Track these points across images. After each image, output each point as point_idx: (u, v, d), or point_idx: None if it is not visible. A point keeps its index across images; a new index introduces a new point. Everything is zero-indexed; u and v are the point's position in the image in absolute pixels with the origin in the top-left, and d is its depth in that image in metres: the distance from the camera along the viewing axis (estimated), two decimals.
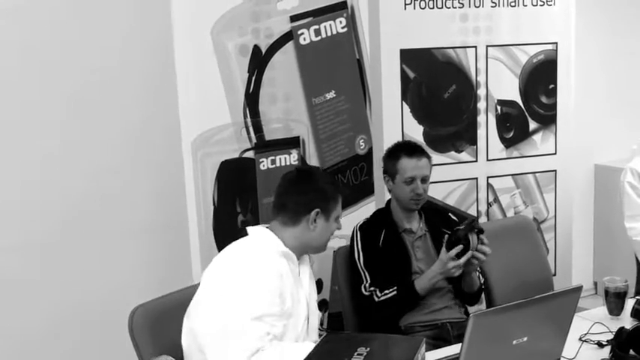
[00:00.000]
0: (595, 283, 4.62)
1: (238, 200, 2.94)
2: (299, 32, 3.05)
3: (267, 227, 2.24)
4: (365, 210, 3.22)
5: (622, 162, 3.28)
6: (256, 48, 2.94)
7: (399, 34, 3.35)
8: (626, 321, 2.41)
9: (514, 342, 1.87)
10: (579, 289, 1.95)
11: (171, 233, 3.06)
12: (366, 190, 3.34)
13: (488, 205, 3.63)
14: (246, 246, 2.18)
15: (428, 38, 3.41)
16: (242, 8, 2.87)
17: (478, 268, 2.73)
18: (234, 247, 2.20)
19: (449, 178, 3.52)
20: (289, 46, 3.03)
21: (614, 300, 2.49)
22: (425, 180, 2.74)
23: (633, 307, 2.43)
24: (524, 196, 3.69)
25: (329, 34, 3.14)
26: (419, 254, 2.76)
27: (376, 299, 2.64)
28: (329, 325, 3.28)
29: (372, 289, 2.66)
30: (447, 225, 2.85)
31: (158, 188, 3.15)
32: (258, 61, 2.95)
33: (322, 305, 3.29)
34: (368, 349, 1.44)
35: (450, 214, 2.97)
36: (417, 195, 2.72)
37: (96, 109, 3.03)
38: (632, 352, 2.14)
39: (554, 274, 3.78)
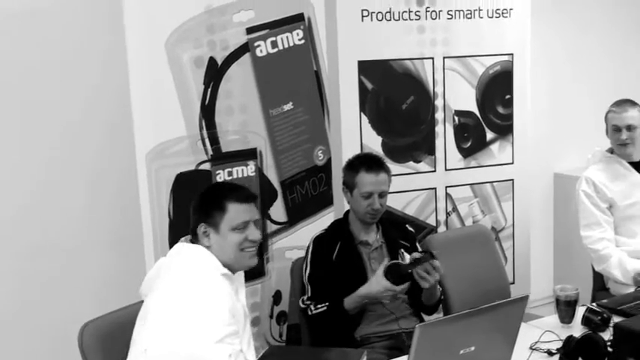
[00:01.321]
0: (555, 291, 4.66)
1: (194, 212, 2.93)
2: (255, 44, 3.05)
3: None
4: (324, 221, 3.22)
5: (580, 170, 3.32)
6: (212, 60, 2.94)
7: (356, 45, 3.37)
8: (577, 329, 2.44)
9: (461, 352, 1.88)
10: (525, 298, 1.97)
11: (126, 246, 3.04)
12: (325, 200, 3.35)
13: (447, 214, 3.65)
14: (191, 270, 2.12)
15: (385, 50, 3.43)
16: (197, 20, 2.87)
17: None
18: (177, 272, 2.13)
19: (408, 188, 3.55)
20: (246, 58, 3.03)
21: (565, 308, 2.52)
22: (383, 195, 2.74)
23: (584, 315, 2.46)
24: (482, 206, 3.72)
25: (286, 46, 3.15)
26: (374, 266, 2.76)
27: (309, 313, 2.65)
28: (287, 337, 3.27)
29: (308, 302, 2.68)
30: (404, 236, 2.88)
31: (112, 201, 3.13)
32: (214, 72, 2.95)
33: (281, 317, 3.29)
34: None
35: (407, 225, 2.99)
36: (374, 210, 2.72)
37: (48, 123, 3.01)
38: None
39: (513, 283, 3.82)
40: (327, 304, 2.63)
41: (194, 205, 2.23)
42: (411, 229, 2.96)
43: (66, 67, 3.02)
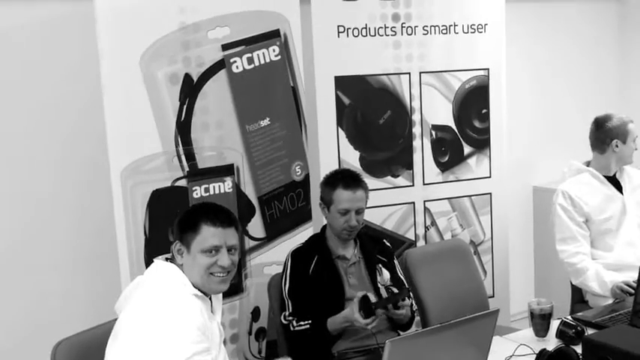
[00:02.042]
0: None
1: (170, 229, 2.92)
2: (231, 60, 3.06)
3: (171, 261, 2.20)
4: (302, 236, 3.22)
5: (558, 183, 3.33)
6: (187, 76, 2.94)
7: (332, 61, 3.39)
8: (553, 342, 2.45)
9: None
10: (496, 312, 1.98)
11: (100, 264, 3.02)
12: (303, 216, 3.35)
13: (426, 228, 3.66)
14: (161, 287, 2.11)
15: (362, 65, 3.45)
16: (171, 37, 2.88)
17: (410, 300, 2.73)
18: (147, 290, 2.12)
19: (386, 203, 3.55)
20: (222, 75, 3.04)
21: (540, 321, 2.53)
22: (360, 211, 2.75)
23: (558, 328, 2.47)
24: (461, 219, 3.74)
25: (262, 62, 3.16)
26: (352, 280, 2.77)
27: (292, 329, 2.66)
28: (267, 353, 3.26)
29: (290, 318, 2.69)
30: (382, 251, 2.90)
31: (87, 219, 3.12)
32: (190, 89, 2.96)
33: (260, 333, 3.28)
34: None
35: (384, 240, 3.00)
36: (351, 227, 2.73)
37: (22, 139, 2.99)
38: None
39: (493, 296, 3.83)
40: (309, 322, 2.63)
41: (174, 222, 2.21)
42: (388, 244, 2.97)
43: (38, 86, 3.02)
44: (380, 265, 2.83)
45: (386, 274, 2.83)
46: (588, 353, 1.73)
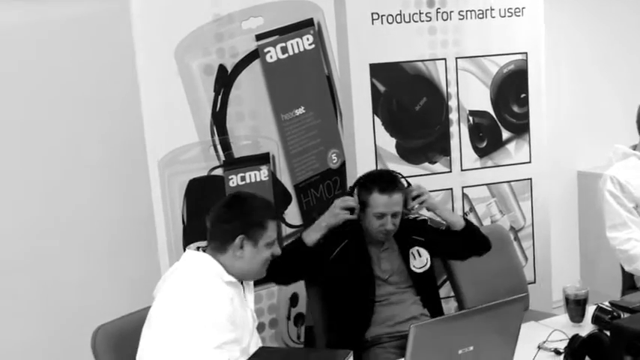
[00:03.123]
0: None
1: (208, 218, 2.97)
2: (265, 50, 3.09)
3: (204, 250, 2.25)
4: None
5: (604, 168, 3.23)
6: (222, 67, 2.98)
7: (367, 48, 3.39)
8: (588, 328, 2.42)
9: (460, 352, 1.89)
10: (524, 297, 1.97)
11: (140, 252, 3.10)
12: None
13: (464, 214, 3.64)
14: (192, 276, 2.16)
15: (397, 52, 3.44)
16: (205, 29, 2.92)
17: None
18: (179, 278, 2.18)
19: None
20: (256, 65, 3.07)
21: (575, 307, 2.51)
22: (396, 215, 2.72)
23: (594, 314, 2.44)
24: (500, 205, 3.70)
25: (296, 51, 3.18)
26: (385, 265, 2.78)
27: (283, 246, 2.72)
28: (305, 338, 3.31)
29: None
30: (417, 230, 2.87)
31: (126, 208, 3.21)
32: (224, 80, 3.00)
33: (299, 319, 3.32)
34: None
35: (415, 218, 2.95)
36: (387, 230, 2.71)
37: (61, 132, 3.09)
38: (587, 359, 2.15)
39: (534, 282, 3.79)
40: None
41: (226, 217, 2.24)
42: (422, 216, 2.94)
43: (77, 79, 3.11)
44: (416, 248, 2.80)
45: (424, 256, 2.80)
46: (616, 339, 1.72)
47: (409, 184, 2.82)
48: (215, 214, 2.27)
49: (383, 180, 2.74)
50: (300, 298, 3.30)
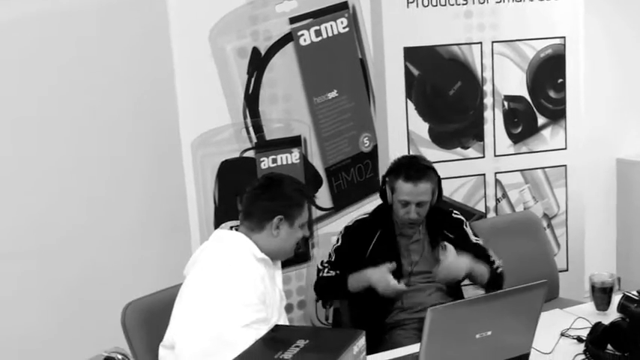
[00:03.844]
0: (618, 279, 4.55)
1: (239, 199, 3.02)
2: (299, 33, 3.12)
3: (236, 228, 2.31)
4: (369, 207, 3.24)
5: None
6: (255, 50, 3.02)
7: (402, 32, 3.38)
8: (613, 316, 2.39)
9: (477, 336, 1.90)
10: (544, 284, 1.97)
11: (173, 232, 3.17)
12: (371, 187, 3.37)
13: (497, 200, 3.63)
14: (226, 253, 2.21)
15: (431, 36, 3.43)
16: (240, 12, 2.96)
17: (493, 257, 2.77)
18: (213, 255, 2.22)
19: (455, 175, 3.54)
20: (289, 48, 3.10)
21: (600, 295, 2.49)
22: (421, 204, 2.65)
23: (620, 302, 2.41)
24: (534, 192, 3.68)
25: (330, 34, 3.20)
26: (414, 257, 2.74)
27: (320, 274, 2.76)
28: (334, 320, 3.34)
29: (325, 265, 2.77)
30: (450, 227, 2.79)
31: (159, 189, 3.28)
32: (258, 62, 3.03)
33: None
34: (307, 341, 1.50)
35: (453, 213, 2.88)
36: (410, 219, 2.67)
37: (97, 114, 3.16)
38: (609, 347, 2.14)
39: (567, 270, 3.76)
40: (336, 272, 2.70)
41: (265, 196, 2.28)
42: (457, 216, 2.87)
43: (112, 62, 3.17)
44: (444, 243, 2.69)
45: (450, 250, 2.69)
46: (634, 326, 1.71)
47: (439, 178, 2.73)
48: (252, 193, 2.31)
49: (412, 167, 2.68)
50: None
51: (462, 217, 2.87)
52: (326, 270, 2.76)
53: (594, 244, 4.22)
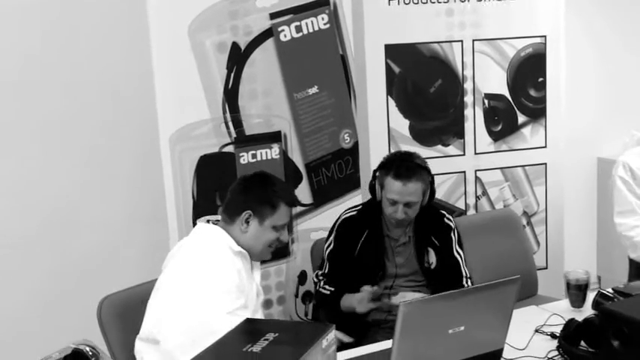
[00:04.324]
0: (599, 278, 4.59)
1: (218, 194, 3.02)
2: (279, 29, 3.11)
3: (215, 223, 2.30)
4: (349, 204, 3.24)
5: None
6: (235, 45, 3.01)
7: (383, 29, 3.38)
8: (588, 313, 2.41)
9: (450, 331, 1.91)
10: (517, 279, 1.98)
11: (150, 227, 3.16)
12: (351, 183, 3.39)
13: (477, 198, 3.64)
14: (203, 245, 2.22)
15: (413, 33, 3.43)
16: (219, 6, 2.95)
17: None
18: (190, 247, 2.24)
19: (436, 172, 3.48)
20: (269, 43, 3.09)
21: (575, 292, 2.50)
22: (410, 205, 2.56)
23: (594, 300, 2.43)
24: (514, 190, 3.69)
25: (310, 30, 3.19)
26: (399, 260, 2.70)
27: (317, 288, 2.71)
28: (313, 316, 3.34)
29: (321, 278, 2.72)
30: (438, 232, 2.71)
31: (137, 183, 3.26)
32: (237, 57, 3.02)
33: (307, 296, 3.36)
34: (277, 334, 1.50)
35: (445, 217, 2.78)
36: (396, 219, 2.59)
37: (75, 107, 3.14)
38: (583, 343, 2.16)
39: (546, 268, 3.78)
40: (332, 289, 2.65)
41: (241, 190, 2.29)
42: (448, 222, 2.76)
43: (90, 55, 3.15)
44: (429, 248, 2.68)
45: (432, 259, 2.68)
46: (604, 323, 1.72)
47: (432, 179, 2.64)
48: (233, 185, 2.33)
49: (402, 165, 2.57)
50: (308, 277, 3.33)
51: (452, 223, 2.77)
52: (322, 283, 2.71)
53: (575, 242, 4.24)
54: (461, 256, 2.76)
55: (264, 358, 1.42)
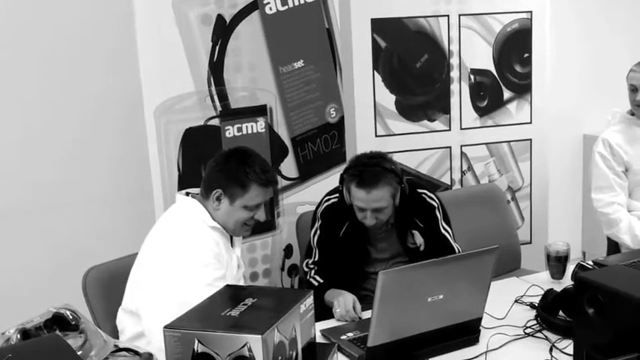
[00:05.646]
0: (583, 253, 4.64)
1: (203, 167, 3.01)
2: (265, 2, 3.10)
3: (194, 196, 2.30)
4: (335, 178, 3.24)
5: None
6: (220, 17, 3.00)
7: (369, 3, 3.38)
8: (567, 284, 2.44)
9: (429, 299, 1.94)
10: (495, 249, 2.00)
11: (136, 198, 3.17)
12: (337, 158, 3.40)
13: (462, 173, 3.66)
14: (179, 219, 2.24)
15: (399, 7, 3.43)
16: None
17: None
18: (167, 221, 2.26)
19: (421, 147, 3.56)
20: (255, 16, 3.09)
21: (555, 264, 2.54)
22: (379, 210, 2.47)
23: (574, 271, 2.46)
24: (499, 165, 3.71)
25: (296, 3, 3.19)
26: (381, 245, 2.67)
27: (307, 277, 2.65)
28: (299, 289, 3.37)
29: (311, 266, 2.66)
30: (421, 213, 2.64)
31: (122, 155, 3.26)
32: (222, 30, 3.02)
33: (292, 270, 3.39)
34: (255, 299, 1.52)
35: (426, 195, 2.68)
36: (368, 225, 2.51)
37: (59, 81, 3.14)
38: (561, 313, 2.19)
39: (530, 242, 3.82)
40: (320, 282, 2.59)
41: (215, 167, 2.26)
42: (431, 200, 2.68)
43: (73, 27, 3.14)
44: (414, 231, 2.62)
45: (418, 240, 2.61)
46: (579, 291, 1.74)
47: (401, 180, 2.51)
48: (210, 161, 2.31)
49: (365, 172, 2.44)
50: (294, 250, 3.35)
51: (435, 202, 2.69)
52: (312, 272, 2.64)
53: (559, 218, 4.28)
54: (448, 232, 2.73)
55: (242, 321, 1.44)
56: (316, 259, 2.68)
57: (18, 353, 1.31)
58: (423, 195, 2.69)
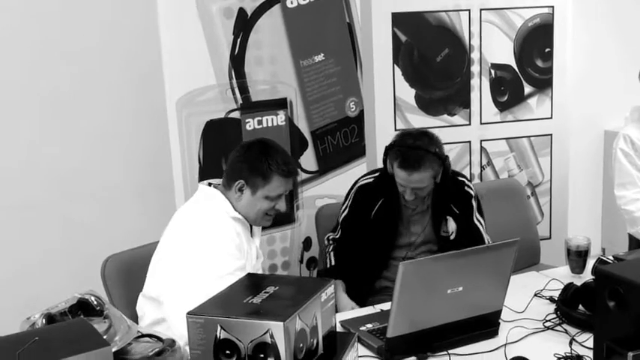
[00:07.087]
0: (603, 250, 4.61)
1: (224, 159, 3.05)
2: None
3: (217, 186, 2.32)
4: (355, 172, 3.29)
5: None
6: (241, 11, 3.02)
7: None
8: (587, 279, 2.44)
9: (449, 291, 1.94)
10: (515, 242, 2.00)
11: (157, 189, 3.20)
12: (356, 151, 3.41)
13: (482, 167, 3.66)
14: (201, 210, 2.25)
15: (419, 2, 3.43)
16: None
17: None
18: (189, 212, 2.27)
19: (441, 141, 3.55)
20: (276, 9, 3.10)
21: (576, 258, 2.53)
22: (418, 189, 2.50)
23: (594, 266, 2.45)
24: (519, 160, 3.70)
25: None
26: (415, 229, 2.66)
27: (326, 250, 2.71)
28: None
29: (331, 242, 2.72)
30: (458, 200, 2.64)
31: (144, 147, 3.29)
32: (244, 23, 3.03)
33: (311, 262, 3.40)
34: (277, 287, 1.53)
35: (466, 185, 2.70)
36: (406, 200, 2.55)
37: (82, 73, 3.17)
38: (581, 307, 2.18)
39: (550, 238, 3.80)
40: (333, 264, 2.65)
41: (238, 158, 2.28)
42: (469, 189, 2.69)
43: (99, 22, 3.18)
44: (448, 217, 2.62)
45: (451, 227, 2.62)
46: (600, 284, 1.74)
47: (444, 163, 2.52)
48: (233, 152, 2.33)
49: (408, 155, 2.46)
50: (313, 243, 3.37)
51: (473, 191, 2.70)
52: (331, 248, 2.69)
53: (579, 214, 4.26)
54: (481, 224, 2.72)
55: (264, 308, 1.45)
56: (337, 236, 2.73)
57: (44, 337, 1.33)
58: (463, 182, 2.71)
